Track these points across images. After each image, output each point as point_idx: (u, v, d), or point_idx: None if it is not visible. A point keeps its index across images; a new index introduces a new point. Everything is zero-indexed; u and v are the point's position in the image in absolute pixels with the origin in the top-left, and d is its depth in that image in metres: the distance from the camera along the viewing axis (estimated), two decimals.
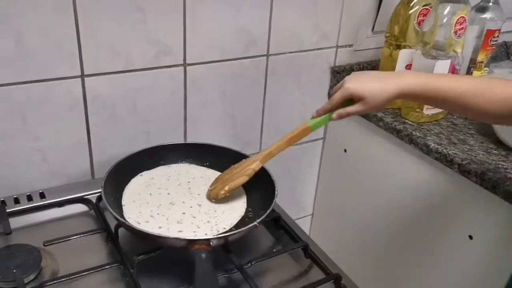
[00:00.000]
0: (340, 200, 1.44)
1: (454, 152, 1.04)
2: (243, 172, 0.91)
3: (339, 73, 1.34)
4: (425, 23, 1.11)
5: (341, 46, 1.32)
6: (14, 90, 0.92)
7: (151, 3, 0.98)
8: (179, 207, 0.91)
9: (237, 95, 1.21)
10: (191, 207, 0.92)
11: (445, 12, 1.06)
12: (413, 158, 1.14)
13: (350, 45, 1.34)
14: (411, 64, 1.15)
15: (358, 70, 1.37)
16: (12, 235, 0.82)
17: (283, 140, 0.89)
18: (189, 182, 0.99)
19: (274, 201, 0.87)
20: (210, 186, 0.95)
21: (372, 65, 1.36)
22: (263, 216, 0.82)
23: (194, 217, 0.89)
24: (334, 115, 0.82)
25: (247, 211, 0.92)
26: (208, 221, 0.88)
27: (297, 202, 1.52)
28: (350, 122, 1.31)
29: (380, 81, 0.80)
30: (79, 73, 0.97)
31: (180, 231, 0.84)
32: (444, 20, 1.06)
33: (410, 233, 1.20)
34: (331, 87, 1.35)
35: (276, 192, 0.88)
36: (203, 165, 1.04)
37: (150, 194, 0.93)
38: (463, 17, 1.06)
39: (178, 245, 0.78)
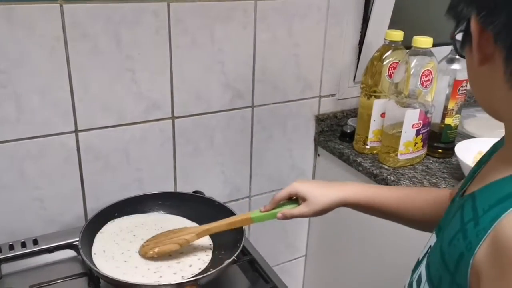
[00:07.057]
0: (331, 242, 1.48)
1: None
2: (177, 240, 0.94)
3: (323, 121, 1.41)
4: (395, 75, 1.18)
5: (324, 96, 1.40)
6: (14, 146, 1.03)
7: (139, 65, 1.09)
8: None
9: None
10: None
11: (412, 65, 1.14)
12: None
13: (333, 95, 1.42)
14: (384, 112, 1.22)
15: (341, 118, 1.44)
16: (3, 279, 0.90)
17: (224, 222, 0.94)
18: (134, 235, 1.03)
19: (243, 236, 0.94)
20: (144, 242, 0.98)
21: (355, 113, 1.43)
22: (238, 251, 0.90)
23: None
24: (279, 214, 0.87)
25: (219, 253, 0.98)
26: (190, 265, 0.95)
27: (290, 244, 1.56)
28: (335, 167, 1.37)
29: (323, 188, 0.87)
30: (73, 129, 1.07)
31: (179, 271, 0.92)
32: (412, 72, 1.14)
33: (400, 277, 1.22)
34: (316, 133, 1.42)
35: (244, 228, 0.95)
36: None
37: (122, 253, 0.97)
38: (428, 70, 1.14)
39: None
